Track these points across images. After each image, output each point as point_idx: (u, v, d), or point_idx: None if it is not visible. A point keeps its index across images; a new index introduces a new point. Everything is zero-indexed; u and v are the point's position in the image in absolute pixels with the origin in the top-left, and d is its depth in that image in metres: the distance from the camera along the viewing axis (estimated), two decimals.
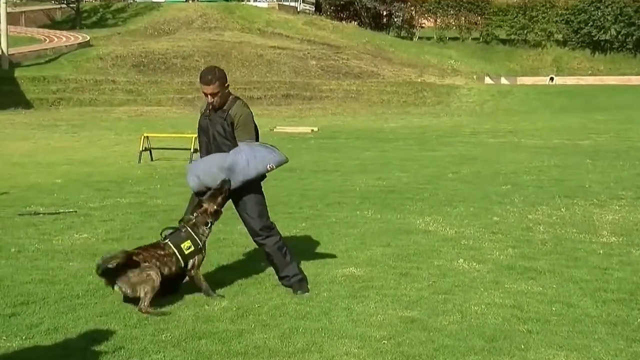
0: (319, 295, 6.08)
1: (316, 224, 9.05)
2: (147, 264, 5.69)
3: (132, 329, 5.24)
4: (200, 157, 6.23)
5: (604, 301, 5.90)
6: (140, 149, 15.98)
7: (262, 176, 6.11)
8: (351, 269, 6.92)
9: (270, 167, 5.99)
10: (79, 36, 47.54)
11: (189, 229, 5.99)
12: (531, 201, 10.50)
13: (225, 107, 5.98)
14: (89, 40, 45.31)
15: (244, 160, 5.86)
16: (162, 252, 5.85)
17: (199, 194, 6.08)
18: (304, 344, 4.98)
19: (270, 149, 6.09)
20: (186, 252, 5.92)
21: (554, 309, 5.72)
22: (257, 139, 6.09)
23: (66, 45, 43.21)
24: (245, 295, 6.08)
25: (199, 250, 6.00)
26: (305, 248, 7.70)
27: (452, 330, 5.24)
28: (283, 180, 12.46)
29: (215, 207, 5.99)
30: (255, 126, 6.11)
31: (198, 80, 5.97)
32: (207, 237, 6.11)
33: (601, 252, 7.52)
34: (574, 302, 5.89)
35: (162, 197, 11.06)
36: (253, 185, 6.05)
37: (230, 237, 8.14)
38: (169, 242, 5.91)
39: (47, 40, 45.92)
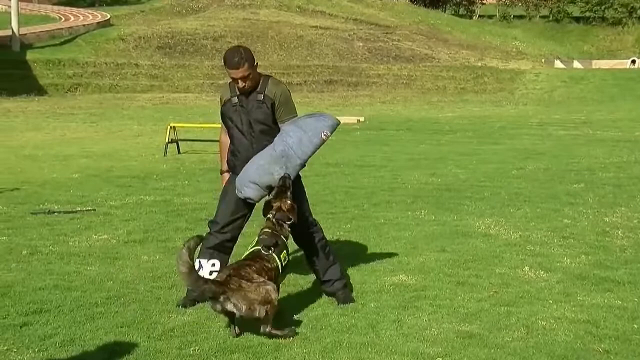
0: (366, 306, 6.08)
1: (362, 225, 9.05)
2: (261, 278, 5.41)
3: (157, 341, 5.29)
4: (234, 152, 6.09)
5: None
6: (166, 141, 16.12)
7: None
8: (401, 276, 6.90)
9: (325, 135, 5.91)
10: (98, 14, 48.22)
11: (282, 236, 5.80)
12: (608, 202, 10.36)
13: (258, 89, 5.93)
14: (109, 19, 45.91)
15: (296, 140, 5.80)
16: (269, 265, 5.58)
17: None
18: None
19: (317, 116, 6.06)
20: (284, 264, 5.76)
21: (635, 326, 5.63)
22: None
23: (84, 25, 43.83)
24: (284, 304, 6.10)
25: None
26: (350, 252, 7.70)
27: (516, 347, 5.20)
28: (325, 176, 12.49)
29: (289, 202, 5.83)
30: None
31: (225, 66, 5.86)
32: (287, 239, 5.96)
33: None
34: None
35: (190, 195, 11.15)
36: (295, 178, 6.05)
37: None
38: (274, 254, 5.66)
39: (63, 19, 46.64)
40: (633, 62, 49.50)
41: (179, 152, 16.24)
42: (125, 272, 7.06)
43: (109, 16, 46.45)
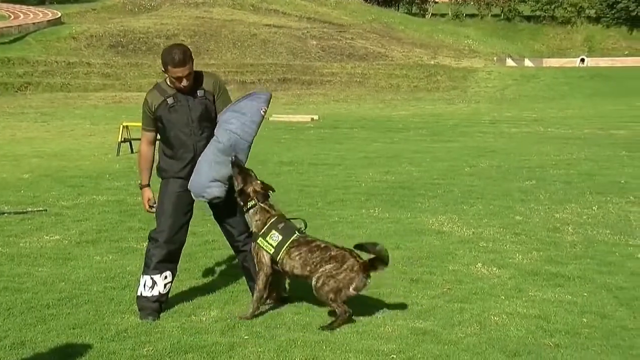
0: (320, 305, 6.08)
1: (316, 224, 9.03)
2: None
3: (110, 343, 5.24)
4: (173, 155, 5.85)
5: None
6: (119, 140, 15.99)
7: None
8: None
9: (263, 110, 5.94)
10: (49, 12, 47.60)
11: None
12: (559, 199, 10.50)
13: (195, 85, 5.77)
14: (60, 17, 45.34)
15: (238, 124, 5.76)
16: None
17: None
18: (303, 358, 4.97)
19: (250, 96, 6.01)
20: None
21: (584, 320, 5.71)
22: None
23: (34, 23, 43.23)
24: (237, 304, 6.08)
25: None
26: None
27: (470, 343, 5.24)
28: (279, 175, 12.47)
29: (258, 181, 5.91)
30: None
31: (164, 64, 5.64)
32: None
33: (639, 256, 7.51)
34: (607, 312, 5.88)
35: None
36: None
37: (220, 239, 8.13)
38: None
39: (12, 17, 45.95)
40: (582, 60, 50.25)
41: (132, 151, 16.11)
42: (78, 272, 6.98)
43: (60, 14, 45.89)
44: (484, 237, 8.31)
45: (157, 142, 6.05)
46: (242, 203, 5.88)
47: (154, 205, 6.03)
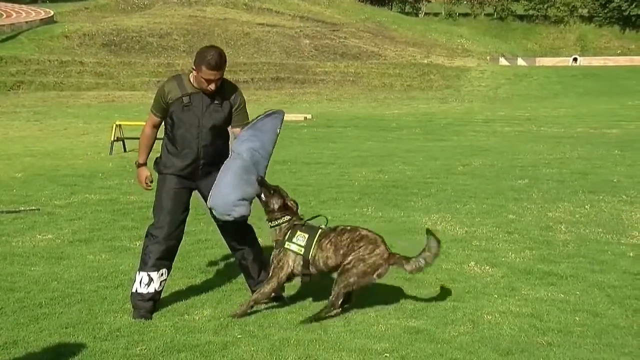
0: (313, 304, 6.08)
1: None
2: None
3: (103, 342, 5.23)
4: (176, 152, 5.85)
5: (635, 310, 5.90)
6: (112, 139, 15.97)
7: None
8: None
9: (279, 130, 6.02)
10: (41, 11, 47.49)
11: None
12: (551, 197, 10.51)
13: (217, 92, 5.76)
14: (52, 16, 45.24)
15: (259, 143, 5.81)
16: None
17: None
18: (296, 357, 4.97)
19: (268, 115, 6.02)
20: None
21: (577, 318, 5.72)
22: None
23: (26, 22, 43.14)
24: (230, 302, 6.08)
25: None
26: None
27: (462, 342, 5.24)
28: (273, 173, 12.40)
29: (286, 197, 5.99)
30: None
31: (197, 63, 5.60)
32: None
33: (631, 254, 7.53)
34: (600, 311, 5.89)
35: (136, 193, 11.04)
36: None
37: (213, 238, 8.13)
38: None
39: (4, 16, 45.82)
40: (575, 59, 50.33)
41: (125, 150, 16.09)
42: (71, 272, 6.97)
43: (52, 13, 45.80)
44: (477, 236, 8.32)
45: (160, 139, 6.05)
46: (272, 219, 5.93)
47: (151, 184, 6.07)
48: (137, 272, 5.87)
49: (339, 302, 5.67)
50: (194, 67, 5.69)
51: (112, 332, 5.41)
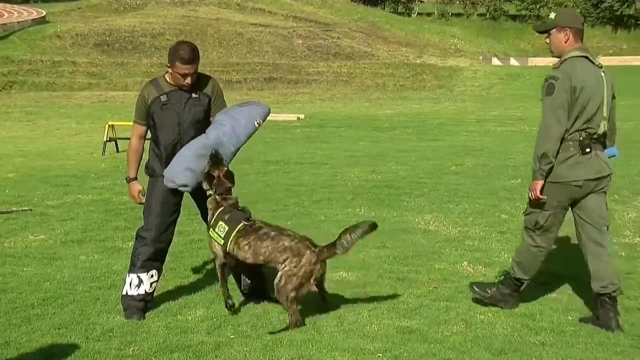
0: (306, 304, 6.08)
1: (302, 222, 9.04)
2: None
3: (95, 342, 5.23)
4: (160, 154, 5.88)
5: (626, 309, 5.91)
6: (105, 139, 15.94)
7: None
8: (342, 273, 6.92)
9: (257, 122, 5.90)
10: (33, 11, 47.35)
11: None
12: None
13: (195, 87, 5.80)
14: (44, 16, 45.12)
15: (228, 128, 5.75)
16: None
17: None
18: (289, 358, 4.98)
19: (249, 104, 6.03)
20: None
21: (569, 318, 5.74)
22: None
23: (18, 22, 43.02)
24: (223, 303, 6.06)
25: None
26: None
27: (455, 341, 5.25)
28: (266, 174, 12.46)
29: (225, 169, 5.76)
30: None
31: (171, 59, 5.64)
32: None
33: (623, 254, 7.55)
34: (592, 310, 5.90)
35: (129, 194, 11.02)
36: None
37: (205, 239, 8.12)
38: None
39: None
40: None
41: (117, 150, 16.06)
42: (63, 272, 6.96)
43: (44, 13, 45.70)
44: (469, 235, 8.33)
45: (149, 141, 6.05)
46: (206, 185, 5.79)
47: (144, 197, 6.03)
48: (127, 274, 5.87)
49: (297, 314, 5.52)
50: (168, 64, 5.72)
51: (105, 333, 5.41)
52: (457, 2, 63.06)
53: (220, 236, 5.64)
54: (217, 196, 5.73)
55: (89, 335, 5.36)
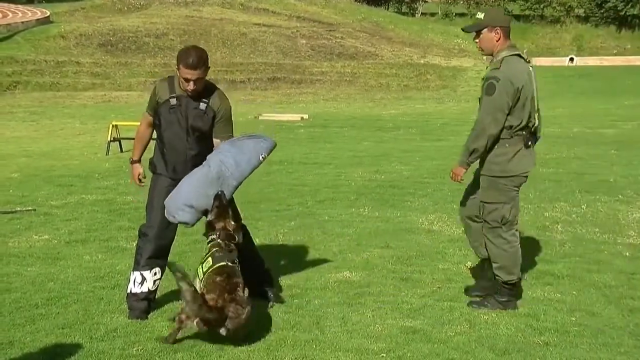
0: (310, 303, 6.08)
1: (306, 223, 9.05)
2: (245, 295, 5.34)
3: (99, 342, 5.23)
4: (163, 153, 5.87)
5: (630, 310, 5.91)
6: (108, 139, 15.94)
7: None
8: (346, 273, 6.92)
9: (262, 157, 5.85)
10: (37, 11, 47.35)
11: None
12: (548, 197, 10.52)
13: (203, 97, 5.74)
14: (48, 16, 45.13)
15: (233, 161, 5.66)
16: (239, 280, 5.44)
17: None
18: (292, 358, 4.98)
19: (255, 137, 5.96)
20: None
21: (573, 318, 5.73)
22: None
23: (22, 22, 43.01)
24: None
25: None
26: (294, 250, 7.70)
27: (459, 341, 5.25)
28: (269, 174, 12.45)
29: (232, 222, 5.65)
30: None
31: (177, 62, 5.62)
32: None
33: (627, 254, 7.54)
34: (596, 310, 5.90)
35: (132, 193, 11.03)
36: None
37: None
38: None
39: (0, 16, 45.66)
40: (571, 59, 50.34)
41: (121, 150, 16.07)
42: (67, 272, 6.97)
43: (48, 13, 45.72)
44: None
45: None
46: (205, 234, 5.76)
47: (144, 180, 6.13)
48: (131, 273, 5.89)
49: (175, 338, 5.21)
50: (176, 67, 5.71)
51: (109, 333, 5.42)
52: (461, 2, 63.02)
53: (202, 270, 5.45)
54: (219, 240, 5.59)
55: (92, 335, 5.36)
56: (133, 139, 6.15)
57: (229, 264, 5.41)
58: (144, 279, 5.81)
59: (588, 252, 7.59)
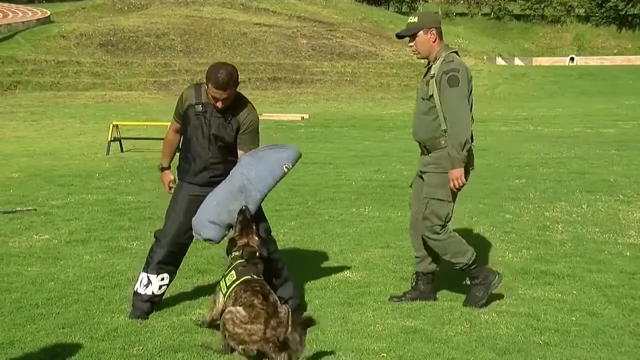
0: (310, 303, 6.08)
1: (307, 222, 9.05)
2: None
3: (99, 342, 5.23)
4: (189, 158, 5.80)
5: (631, 309, 5.90)
6: (109, 139, 15.95)
7: None
8: (346, 273, 6.92)
9: (286, 167, 5.67)
10: (38, 11, 47.39)
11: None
12: (548, 197, 10.52)
13: (230, 108, 5.68)
14: (49, 16, 45.16)
15: (255, 173, 5.55)
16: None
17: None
18: None
19: (277, 148, 5.84)
20: None
21: (574, 318, 5.73)
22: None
23: (23, 22, 43.05)
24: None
25: None
26: (295, 250, 7.70)
27: (460, 341, 5.25)
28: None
29: (256, 237, 5.47)
30: None
31: (207, 79, 5.53)
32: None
33: (628, 254, 7.54)
34: (597, 310, 5.89)
35: (133, 193, 11.05)
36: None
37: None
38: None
39: (1, 16, 45.70)
40: (572, 59, 50.35)
41: (121, 150, 16.08)
42: (67, 272, 6.96)
43: (49, 13, 45.74)
44: (473, 235, 8.32)
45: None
46: (227, 251, 5.61)
47: (174, 187, 6.04)
48: (141, 272, 5.89)
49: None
50: (205, 82, 5.65)
51: (109, 333, 5.41)
52: (462, 2, 63.06)
53: (225, 285, 5.29)
54: (245, 261, 5.37)
55: (93, 335, 5.36)
56: (134, 138, 6.15)
57: (254, 276, 5.22)
58: (149, 281, 5.80)
59: (588, 252, 7.59)
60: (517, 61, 50.49)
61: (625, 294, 6.28)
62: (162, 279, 5.84)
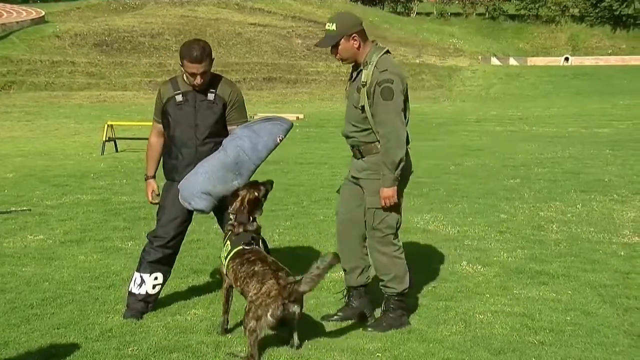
0: (305, 303, 6.06)
1: (302, 222, 9.05)
2: None
3: (94, 342, 5.22)
4: (175, 154, 5.74)
5: (625, 309, 5.91)
6: (104, 139, 15.94)
7: None
8: (341, 273, 6.90)
9: (280, 138, 5.78)
10: (32, 11, 47.32)
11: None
12: (543, 197, 10.53)
13: (210, 87, 5.66)
14: (43, 16, 45.09)
15: (250, 144, 5.57)
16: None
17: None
18: (288, 357, 4.97)
19: (273, 120, 5.89)
20: None
21: (568, 318, 5.73)
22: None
23: (17, 22, 42.98)
24: (221, 303, 6.06)
25: None
26: (289, 250, 7.70)
27: (454, 341, 5.25)
28: (265, 174, 12.38)
29: (256, 193, 5.46)
30: None
31: (181, 57, 5.55)
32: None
33: (622, 253, 7.55)
34: (591, 310, 5.90)
35: (128, 193, 11.04)
36: None
37: (205, 238, 8.14)
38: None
39: None
40: (566, 59, 50.43)
41: (116, 150, 16.07)
42: (62, 272, 6.95)
43: (43, 13, 45.69)
44: (468, 235, 8.33)
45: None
46: (228, 202, 5.54)
47: (158, 195, 5.95)
48: (134, 272, 5.88)
49: (254, 348, 4.86)
50: (180, 63, 5.64)
51: (104, 333, 5.40)
52: (456, 2, 63.14)
53: (223, 256, 5.40)
54: (234, 223, 5.43)
55: (88, 335, 5.35)
56: (128, 138, 6.13)
57: (243, 245, 5.25)
58: (142, 281, 5.79)
59: (583, 252, 7.60)
60: (512, 61, 50.58)
61: (619, 293, 6.29)
62: (156, 278, 5.83)
